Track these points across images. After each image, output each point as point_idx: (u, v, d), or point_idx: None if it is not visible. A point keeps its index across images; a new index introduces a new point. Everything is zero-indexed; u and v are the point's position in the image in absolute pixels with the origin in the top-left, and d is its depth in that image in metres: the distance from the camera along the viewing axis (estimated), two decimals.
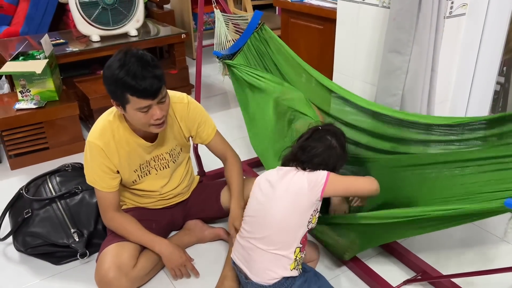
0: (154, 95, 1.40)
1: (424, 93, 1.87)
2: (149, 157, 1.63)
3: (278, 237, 1.36)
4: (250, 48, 2.23)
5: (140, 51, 1.40)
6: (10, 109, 2.42)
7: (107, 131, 1.53)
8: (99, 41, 3.03)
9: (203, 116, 1.72)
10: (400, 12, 1.78)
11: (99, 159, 1.52)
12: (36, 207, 1.77)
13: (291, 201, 1.37)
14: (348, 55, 2.25)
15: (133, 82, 1.35)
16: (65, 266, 1.74)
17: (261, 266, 1.37)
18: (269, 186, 1.43)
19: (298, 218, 1.36)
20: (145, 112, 1.42)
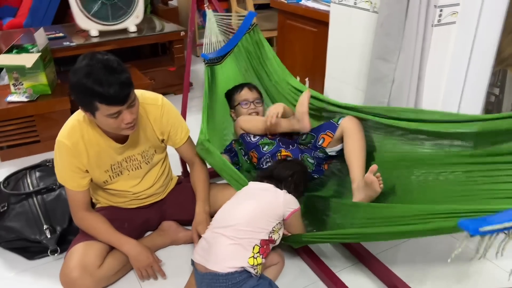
0: (123, 101, 1.38)
1: (410, 102, 1.82)
2: (120, 158, 1.62)
3: (244, 228, 1.43)
4: (240, 50, 2.20)
5: (106, 56, 1.37)
6: (2, 102, 2.44)
7: (76, 131, 1.52)
8: (97, 36, 3.03)
9: (177, 120, 1.70)
10: (387, 18, 1.74)
11: (68, 158, 1.52)
12: (13, 201, 1.77)
13: (264, 204, 1.51)
14: (340, 60, 2.21)
15: (101, 90, 1.32)
16: (38, 261, 1.74)
17: (221, 254, 1.41)
18: (246, 188, 1.60)
19: (265, 220, 1.47)
20: (115, 117, 1.40)
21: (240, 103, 2.04)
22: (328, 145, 1.78)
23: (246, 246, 1.41)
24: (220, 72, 2.18)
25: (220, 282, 1.37)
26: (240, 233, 1.41)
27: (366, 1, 1.95)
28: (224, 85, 2.18)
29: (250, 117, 2.01)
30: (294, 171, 1.62)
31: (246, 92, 2.06)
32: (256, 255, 1.42)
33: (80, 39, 3.00)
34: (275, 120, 1.81)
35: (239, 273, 1.37)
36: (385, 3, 1.73)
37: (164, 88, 3.30)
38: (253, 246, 1.41)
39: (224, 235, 1.42)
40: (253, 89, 2.08)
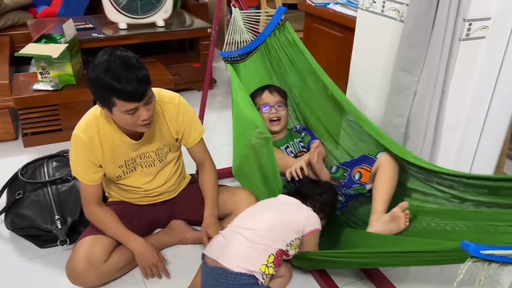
0: (141, 97, 1.39)
1: (431, 117, 1.76)
2: (134, 154, 1.63)
3: (263, 234, 1.44)
4: (268, 47, 2.15)
5: (125, 53, 1.39)
6: (29, 89, 2.50)
7: (93, 125, 1.54)
8: (126, 28, 3.07)
9: (192, 119, 1.70)
10: (413, 29, 1.68)
11: (83, 152, 1.54)
12: (29, 189, 1.82)
13: (287, 216, 1.53)
14: (364, 68, 2.16)
15: (119, 86, 1.34)
16: (48, 250, 1.78)
17: (236, 252, 1.42)
18: (273, 199, 1.64)
19: (285, 232, 1.47)
20: (132, 114, 1.42)
21: (261, 107, 2.01)
22: (368, 180, 1.74)
23: (261, 252, 1.41)
24: (243, 71, 2.14)
25: (228, 279, 1.38)
26: (259, 238, 1.43)
27: (394, 9, 1.89)
28: (248, 85, 2.12)
29: (283, 156, 1.88)
30: (323, 192, 1.64)
31: (267, 96, 2.02)
32: (269, 264, 1.42)
33: (108, 31, 3.04)
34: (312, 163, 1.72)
35: (247, 276, 1.38)
36: (412, 13, 1.67)
37: (188, 83, 3.32)
38: (269, 255, 1.42)
39: (243, 235, 1.44)
40: (274, 92, 2.03)
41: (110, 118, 1.54)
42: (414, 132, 1.80)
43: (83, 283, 1.54)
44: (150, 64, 3.02)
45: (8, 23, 3.44)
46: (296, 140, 1.99)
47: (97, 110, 1.56)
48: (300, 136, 2.02)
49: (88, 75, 1.41)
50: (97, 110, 1.56)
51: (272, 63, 2.19)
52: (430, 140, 1.80)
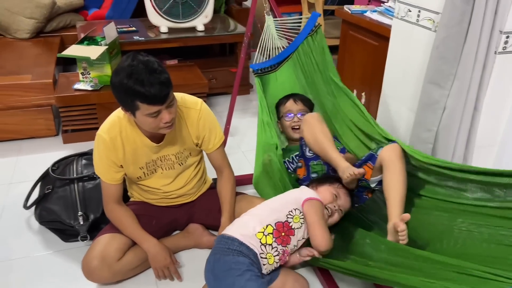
0: (163, 100, 1.42)
1: (462, 133, 1.67)
2: (155, 157, 1.66)
3: (261, 209, 1.55)
4: (300, 54, 2.13)
5: (146, 58, 1.42)
6: (70, 88, 2.62)
7: (116, 126, 1.58)
8: (166, 32, 3.15)
9: (213, 125, 1.72)
10: (444, 40, 1.61)
11: (105, 152, 1.59)
12: (57, 185, 1.90)
13: (286, 196, 1.62)
14: (397, 78, 2.08)
15: (142, 90, 1.37)
16: (72, 244, 1.85)
17: (236, 223, 1.53)
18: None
19: (281, 205, 1.55)
20: (154, 117, 1.45)
21: (284, 115, 2.00)
22: (370, 176, 1.68)
23: (258, 221, 1.48)
24: (273, 81, 2.13)
25: (221, 243, 1.45)
26: (257, 211, 1.54)
27: (429, 19, 1.81)
28: (279, 94, 2.12)
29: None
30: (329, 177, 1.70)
31: (290, 104, 2.02)
32: (267, 233, 1.45)
33: (150, 34, 3.13)
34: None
35: (239, 243, 1.41)
36: (443, 24, 1.59)
37: (224, 88, 3.35)
38: (266, 224, 1.47)
39: (246, 213, 1.55)
40: (298, 101, 2.02)
41: (132, 121, 1.58)
42: (442, 148, 1.71)
43: (96, 279, 1.59)
44: (187, 67, 3.09)
45: (60, 24, 3.63)
46: None
47: (121, 112, 1.60)
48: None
49: (111, 80, 1.46)
50: (121, 112, 1.60)
51: (304, 71, 2.16)
52: (459, 157, 1.71)
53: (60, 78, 2.80)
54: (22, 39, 3.39)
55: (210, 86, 3.16)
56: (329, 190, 1.63)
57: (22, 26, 3.35)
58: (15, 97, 2.59)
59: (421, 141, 1.77)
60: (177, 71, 3.00)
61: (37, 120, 2.67)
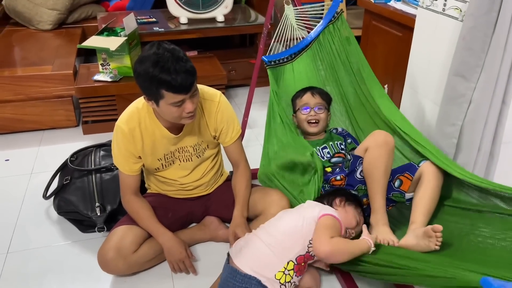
0: (189, 89, 1.42)
1: (488, 128, 1.60)
2: (173, 148, 1.66)
3: (280, 238, 1.39)
4: (321, 43, 2.05)
5: (171, 46, 1.42)
6: (90, 80, 2.64)
7: (135, 117, 1.58)
8: (186, 23, 3.13)
9: (231, 118, 1.70)
10: (471, 31, 1.53)
11: (124, 143, 1.59)
12: (76, 175, 1.91)
13: (302, 216, 1.44)
14: (421, 70, 2.01)
15: (169, 78, 1.37)
16: (89, 235, 1.87)
17: (251, 254, 1.39)
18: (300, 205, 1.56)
19: (300, 234, 1.40)
20: (178, 106, 1.44)
21: (300, 108, 1.95)
22: (408, 189, 1.63)
23: (279, 257, 1.36)
24: (289, 73, 2.06)
25: (236, 279, 1.36)
26: (276, 241, 1.39)
27: (456, 8, 1.73)
28: (295, 87, 2.06)
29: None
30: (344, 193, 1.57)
31: (308, 97, 1.96)
32: (288, 271, 1.36)
33: (170, 25, 3.12)
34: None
35: (256, 282, 1.33)
36: (470, 13, 1.51)
37: (244, 79, 3.31)
38: (287, 261, 1.36)
39: (260, 238, 1.42)
40: (316, 95, 1.96)
41: (151, 111, 1.57)
42: (467, 144, 1.64)
43: (111, 270, 1.60)
44: (206, 59, 3.06)
45: (82, 15, 3.65)
46: (337, 142, 1.90)
47: (140, 103, 1.60)
48: (341, 139, 1.93)
49: (135, 69, 1.45)
50: (140, 103, 1.60)
51: (323, 62, 2.08)
52: (486, 153, 1.64)
53: (81, 69, 2.82)
54: (44, 30, 3.43)
55: (229, 78, 3.13)
56: (354, 214, 1.52)
57: (45, 17, 3.39)
58: (36, 88, 2.62)
59: (444, 136, 1.71)
60: (196, 63, 2.90)
61: (57, 111, 2.70)
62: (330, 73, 2.09)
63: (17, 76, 2.61)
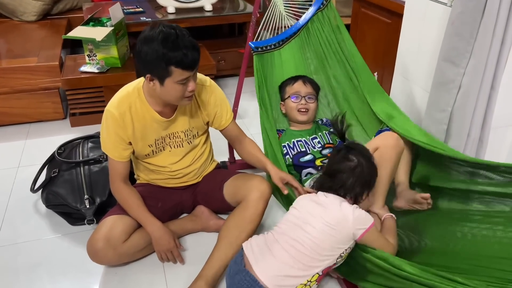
0: (194, 66, 1.44)
1: (477, 114, 1.60)
2: (164, 134, 1.64)
3: (309, 254, 1.28)
4: (309, 31, 2.03)
5: (174, 24, 1.43)
6: (76, 71, 2.60)
7: (125, 102, 1.56)
8: (174, 13, 3.09)
9: (223, 102, 1.71)
10: (460, 16, 1.53)
11: (114, 128, 1.56)
12: (63, 168, 1.89)
13: (332, 225, 1.30)
14: (410, 56, 2.01)
15: (180, 54, 1.37)
16: (78, 228, 1.85)
17: (274, 266, 1.28)
18: (315, 203, 1.38)
19: (332, 245, 1.30)
20: (183, 84, 1.45)
21: (291, 96, 1.93)
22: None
23: (304, 271, 1.28)
24: (277, 59, 2.05)
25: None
26: (304, 256, 1.28)
27: None
28: (282, 74, 2.05)
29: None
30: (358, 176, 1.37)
31: (299, 86, 1.94)
32: (310, 283, 1.29)
33: (157, 15, 3.08)
34: None
35: None
36: None
37: (233, 69, 3.29)
38: (312, 274, 1.28)
39: (286, 249, 1.30)
40: (307, 84, 1.95)
41: (142, 95, 1.56)
42: (457, 130, 1.65)
43: (101, 261, 1.58)
44: None
45: (67, 6, 3.59)
46: (325, 132, 1.90)
47: (130, 87, 1.59)
48: (328, 129, 1.93)
49: (139, 49, 1.43)
50: (130, 87, 1.59)
51: (312, 51, 2.07)
52: (475, 139, 1.65)
53: (67, 60, 2.77)
54: (28, 21, 3.36)
55: (219, 68, 3.10)
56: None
57: (29, 8, 3.32)
58: (21, 80, 2.57)
59: (434, 122, 1.71)
60: None
61: (44, 103, 2.65)
62: (318, 62, 2.07)
63: (1, 68, 2.56)
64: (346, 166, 1.39)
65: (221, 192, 1.72)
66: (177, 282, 1.59)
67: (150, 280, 1.61)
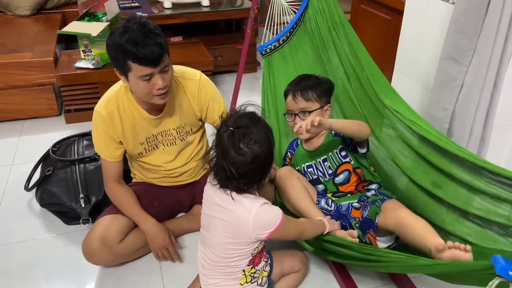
0: (156, 62, 1.37)
1: (480, 113, 1.58)
2: (155, 131, 1.61)
3: (221, 258, 1.23)
4: (306, 22, 1.91)
5: (144, 19, 1.38)
6: (71, 67, 2.55)
7: (113, 101, 1.53)
8: (170, 8, 3.05)
9: (215, 95, 1.66)
10: (464, 13, 1.50)
11: (103, 128, 1.54)
12: (58, 166, 1.85)
13: (232, 231, 1.17)
14: (411, 54, 1.99)
15: (134, 49, 1.33)
16: (74, 227, 1.81)
17: (212, 281, 1.27)
18: (211, 201, 1.24)
19: (239, 250, 1.20)
20: (147, 80, 1.40)
21: (286, 113, 1.69)
22: (377, 243, 1.45)
23: (234, 274, 1.25)
24: (279, 60, 1.94)
25: None
26: (221, 265, 1.23)
27: None
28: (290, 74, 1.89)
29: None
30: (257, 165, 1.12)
31: (290, 102, 1.65)
32: (248, 273, 1.26)
33: (153, 10, 3.03)
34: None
35: None
36: None
37: (230, 66, 3.25)
38: (240, 271, 1.24)
39: (207, 265, 1.27)
40: (298, 97, 1.61)
41: (130, 94, 1.53)
42: (458, 129, 1.62)
43: (97, 261, 1.56)
44: (191, 44, 2.99)
45: (62, 1, 3.53)
46: (336, 151, 1.61)
47: (118, 86, 1.56)
48: (339, 141, 1.62)
49: (106, 41, 1.41)
50: (118, 86, 1.56)
51: (313, 40, 1.92)
52: (477, 138, 1.63)
53: (62, 56, 2.73)
54: (22, 16, 3.30)
55: (216, 64, 3.07)
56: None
57: (23, 2, 3.26)
58: (15, 75, 2.52)
59: (436, 121, 1.69)
60: (182, 48, 2.91)
61: (38, 100, 2.61)
62: (322, 52, 1.90)
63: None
64: (241, 163, 1.11)
65: None
66: (175, 282, 1.57)
67: (147, 281, 1.58)
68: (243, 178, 1.12)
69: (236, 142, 1.11)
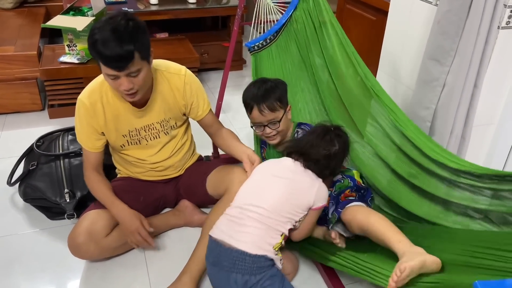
0: (120, 68, 1.36)
1: (461, 112, 1.62)
2: (139, 126, 1.61)
3: (272, 215, 1.36)
4: (292, 22, 1.93)
5: (124, 21, 1.34)
6: (55, 61, 2.53)
7: (96, 91, 1.54)
8: (157, 4, 3.04)
9: (199, 91, 1.68)
10: (446, 14, 1.54)
11: (86, 118, 1.55)
12: (42, 161, 1.84)
13: (292, 191, 1.40)
14: (395, 54, 2.02)
15: (102, 48, 1.32)
16: (58, 222, 1.80)
17: (250, 235, 1.33)
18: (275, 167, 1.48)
19: (293, 210, 1.39)
20: (112, 79, 1.40)
21: (253, 125, 1.75)
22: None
23: (275, 232, 1.35)
24: (266, 58, 1.97)
25: (246, 262, 1.29)
26: (269, 220, 1.34)
27: None
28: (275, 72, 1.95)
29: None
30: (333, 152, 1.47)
31: (256, 115, 1.68)
32: (282, 241, 1.36)
33: (139, 5, 3.02)
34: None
35: (265, 259, 1.31)
36: None
37: (216, 63, 3.26)
38: (281, 234, 1.36)
39: (252, 217, 1.35)
40: (265, 109, 1.65)
41: None
42: (440, 127, 1.67)
43: (83, 255, 1.55)
44: (177, 41, 2.99)
45: None
46: None
47: (102, 77, 1.54)
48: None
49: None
50: (102, 77, 1.54)
51: (299, 41, 1.96)
52: (457, 136, 1.67)
53: (45, 50, 2.70)
54: (4, 9, 3.24)
55: (202, 61, 3.07)
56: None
57: None
58: None
59: (418, 119, 1.73)
60: (168, 45, 2.91)
61: (21, 94, 2.57)
62: (308, 52, 1.95)
63: None
64: (326, 151, 1.47)
65: (203, 185, 1.70)
66: (160, 277, 1.57)
67: (133, 276, 1.58)
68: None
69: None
